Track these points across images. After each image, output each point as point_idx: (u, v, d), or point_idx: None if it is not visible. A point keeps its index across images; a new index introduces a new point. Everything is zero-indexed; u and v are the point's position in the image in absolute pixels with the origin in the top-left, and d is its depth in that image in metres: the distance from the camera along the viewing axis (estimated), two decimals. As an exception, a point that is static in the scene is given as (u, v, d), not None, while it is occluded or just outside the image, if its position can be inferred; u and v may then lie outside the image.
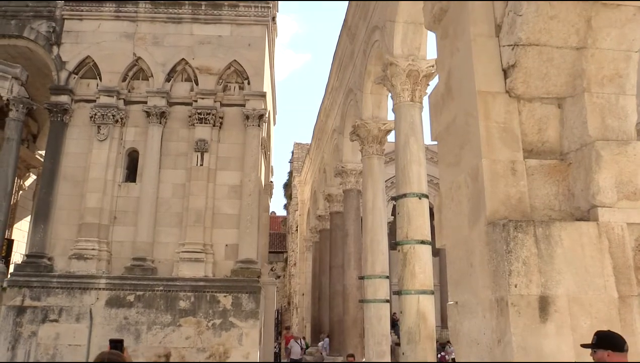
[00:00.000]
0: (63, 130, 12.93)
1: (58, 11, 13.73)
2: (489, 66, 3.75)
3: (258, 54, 13.57)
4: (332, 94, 15.72)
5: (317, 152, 20.89)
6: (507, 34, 3.73)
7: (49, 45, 13.46)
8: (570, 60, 3.84)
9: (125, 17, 13.67)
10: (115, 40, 13.49)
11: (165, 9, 13.75)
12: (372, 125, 10.95)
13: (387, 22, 8.63)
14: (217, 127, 13.08)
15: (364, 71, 10.80)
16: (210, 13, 13.72)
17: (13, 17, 13.72)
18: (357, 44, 11.56)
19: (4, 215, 12.41)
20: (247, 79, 13.37)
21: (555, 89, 3.88)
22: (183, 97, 13.34)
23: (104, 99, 13.02)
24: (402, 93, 8.19)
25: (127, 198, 12.68)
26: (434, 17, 4.40)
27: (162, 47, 13.49)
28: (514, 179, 3.61)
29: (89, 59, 13.37)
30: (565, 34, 3.75)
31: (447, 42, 4.20)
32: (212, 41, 13.56)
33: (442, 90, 4.26)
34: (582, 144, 3.74)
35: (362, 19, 10.90)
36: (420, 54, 8.38)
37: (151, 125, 12.93)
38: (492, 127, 3.64)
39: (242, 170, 12.83)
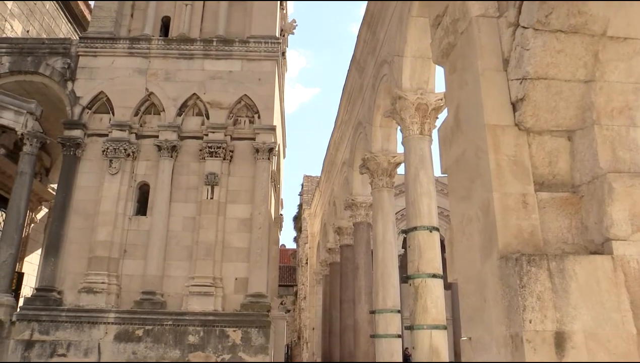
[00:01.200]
0: (75, 164, 13.10)
1: (73, 48, 14.09)
2: (497, 100, 3.77)
3: (268, 88, 13.76)
4: (342, 127, 15.83)
5: (327, 184, 20.92)
6: (515, 68, 3.75)
7: (64, 81, 13.77)
8: (578, 93, 3.84)
9: (138, 53, 13.98)
10: (129, 76, 13.77)
11: (178, 45, 14.07)
12: (382, 158, 10.97)
13: (395, 57, 8.74)
14: (228, 160, 13.18)
15: (373, 105, 10.89)
16: (221, 49, 14.01)
17: (30, 53, 14.10)
18: (366, 78, 11.70)
19: (15, 248, 12.47)
20: (257, 113, 13.53)
21: (565, 122, 3.88)
22: (194, 131, 13.50)
23: (116, 133, 13.21)
24: (411, 126, 8.23)
25: (138, 231, 12.72)
26: (441, 52, 4.45)
27: (174, 82, 13.73)
28: (525, 212, 3.57)
29: (102, 94, 13.64)
30: (573, 68, 3.77)
31: (456, 76, 4.24)
32: (223, 76, 13.79)
33: (451, 123, 4.27)
34: (594, 176, 3.71)
35: (371, 54, 11.06)
36: (429, 88, 8.45)
37: (162, 158, 13.06)
38: (502, 160, 3.63)
39: (252, 203, 12.86)
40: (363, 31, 11.13)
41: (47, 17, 20.02)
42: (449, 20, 4.27)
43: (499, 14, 4.01)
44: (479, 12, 3.99)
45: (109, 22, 14.39)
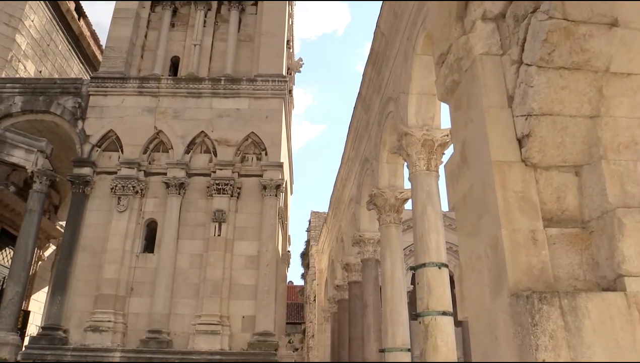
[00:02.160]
0: (84, 201, 13.18)
1: (84, 88, 14.39)
2: (503, 136, 3.78)
3: (275, 125, 13.91)
4: (348, 164, 15.90)
5: (334, 221, 20.85)
6: (519, 105, 3.78)
7: (74, 119, 14.00)
8: (584, 128, 3.85)
9: (147, 92, 14.24)
10: (138, 115, 13.99)
11: (186, 84, 14.33)
12: (389, 194, 10.97)
13: (400, 94, 8.85)
14: (235, 197, 13.22)
15: (379, 141, 10.96)
16: (229, 87, 14.25)
17: (42, 93, 14.41)
18: (372, 114, 11.81)
19: (22, 286, 12.44)
20: (265, 150, 13.64)
21: (572, 157, 3.88)
22: (202, 168, 13.61)
23: (125, 171, 13.32)
24: (417, 162, 8.26)
25: (145, 269, 12.68)
26: (446, 89, 4.50)
27: (182, 120, 13.92)
28: (535, 248, 3.54)
29: (112, 133, 13.83)
30: (578, 103, 3.79)
31: (461, 113, 4.27)
32: (231, 114, 13.98)
33: (457, 159, 4.28)
34: (603, 211, 3.68)
35: (376, 91, 11.20)
36: (435, 124, 8.51)
37: (170, 196, 13.12)
38: (510, 196, 3.62)
39: (260, 240, 12.82)
40: (368, 69, 11.30)
41: (60, 57, 20.52)
42: (453, 59, 4.33)
43: (502, 52, 4.07)
44: (483, 50, 4.05)
45: (120, 62, 14.72)
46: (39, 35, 18.91)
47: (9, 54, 17.12)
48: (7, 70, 16.84)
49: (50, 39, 19.75)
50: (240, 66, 15.04)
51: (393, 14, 9.23)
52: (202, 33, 15.49)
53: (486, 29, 4.10)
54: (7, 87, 14.54)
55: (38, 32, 18.81)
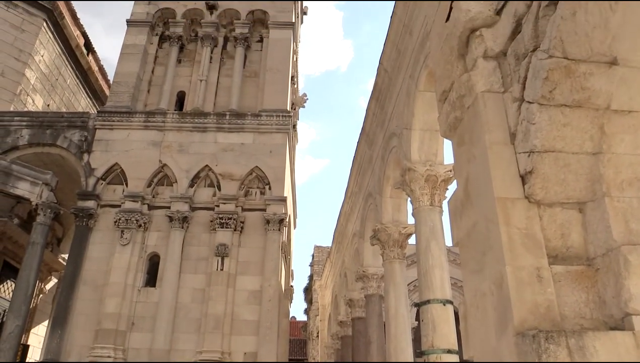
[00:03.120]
0: (87, 234, 13.17)
1: (91, 122, 14.56)
2: (506, 173, 3.80)
3: (279, 160, 13.99)
4: (352, 198, 15.90)
5: (338, 255, 20.73)
6: (522, 142, 3.81)
7: (80, 153, 14.13)
8: (587, 165, 3.86)
9: (153, 126, 14.40)
10: (143, 148, 14.11)
11: (192, 119, 14.50)
12: (393, 229, 10.93)
13: (403, 130, 8.92)
14: (238, 231, 13.19)
15: (382, 176, 10.98)
16: (233, 122, 14.40)
17: (49, 126, 14.59)
18: (376, 149, 11.88)
19: (22, 319, 12.31)
20: (268, 184, 13.69)
21: (575, 194, 3.87)
22: (205, 202, 13.63)
23: (129, 204, 13.36)
24: (421, 197, 8.26)
25: (146, 303, 12.56)
26: (449, 126, 4.54)
27: (187, 154, 14.03)
28: (540, 286, 3.50)
29: (117, 166, 13.92)
30: (580, 140, 3.81)
31: (464, 149, 4.30)
32: (235, 148, 14.09)
33: (460, 196, 4.28)
34: (608, 249, 3.66)
35: (380, 127, 11.29)
36: (438, 159, 8.55)
37: (173, 229, 13.11)
38: (514, 233, 3.61)
39: (262, 275, 12.73)
40: (372, 105, 11.42)
41: (68, 91, 20.85)
42: (455, 96, 4.39)
43: (504, 90, 4.12)
44: (484, 87, 4.10)
45: (127, 97, 14.95)
46: (48, 69, 19.27)
47: (18, 88, 17.41)
48: (15, 104, 17.09)
49: (59, 73, 20.12)
50: (245, 101, 15.26)
51: (396, 51, 9.39)
52: (208, 69, 15.76)
53: (488, 67, 4.16)
54: (15, 120, 14.74)
55: (47, 66, 19.18)
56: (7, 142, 14.33)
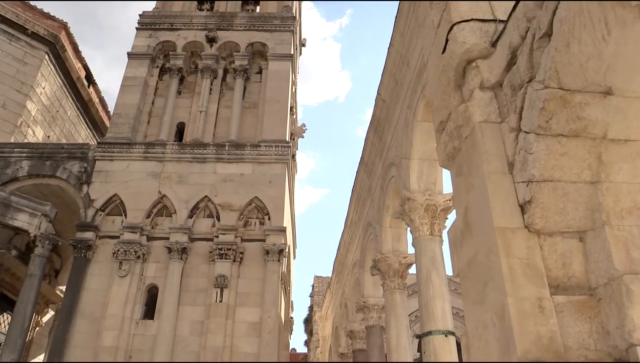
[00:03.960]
0: (85, 266, 13.07)
1: (91, 153, 14.62)
2: (505, 202, 3.80)
3: (278, 190, 14.00)
4: (352, 228, 15.84)
5: (338, 286, 20.54)
6: (520, 171, 3.82)
7: (79, 184, 14.13)
8: (586, 194, 3.87)
9: (153, 157, 14.44)
10: (143, 179, 14.12)
11: (191, 149, 14.56)
12: (393, 259, 10.86)
13: (402, 159, 8.95)
14: (237, 262, 13.10)
15: (382, 205, 10.97)
16: (233, 153, 14.45)
17: (48, 158, 14.63)
18: (375, 179, 11.90)
19: (17, 353, 12.11)
20: (268, 214, 13.66)
21: (575, 223, 3.87)
22: (204, 232, 13.57)
23: (128, 236, 13.29)
24: (421, 227, 8.23)
25: (144, 336, 12.38)
26: (447, 156, 4.57)
27: (187, 185, 14.03)
28: (542, 317, 3.46)
29: (116, 197, 13.91)
30: (578, 169, 3.83)
31: (462, 179, 4.31)
32: (234, 179, 14.10)
33: (460, 226, 4.28)
34: (610, 278, 3.63)
35: (378, 156, 11.33)
36: (437, 189, 8.55)
37: (172, 261, 13.02)
38: (515, 263, 3.59)
39: (262, 307, 12.58)
40: (370, 135, 11.49)
41: (68, 123, 20.99)
42: (453, 126, 4.42)
43: (500, 120, 4.15)
44: (481, 118, 4.14)
45: (127, 128, 15.04)
46: (49, 101, 19.44)
47: (19, 120, 17.53)
48: (16, 136, 17.18)
49: (60, 105, 20.29)
50: (244, 132, 15.35)
51: (394, 81, 9.50)
52: (208, 100, 15.90)
53: (484, 97, 4.21)
54: (15, 151, 14.79)
55: (48, 98, 19.35)
56: (6, 173, 14.35)
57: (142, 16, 17.49)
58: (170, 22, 17.31)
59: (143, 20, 17.37)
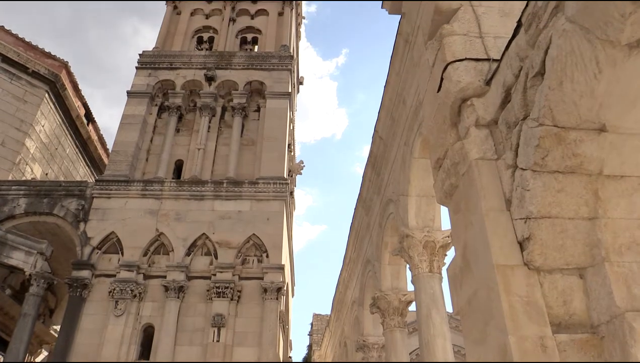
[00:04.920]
0: (80, 305, 12.88)
1: (88, 190, 14.61)
2: (504, 239, 3.79)
3: (276, 227, 13.94)
4: (350, 265, 15.72)
5: (337, 324, 20.23)
6: (518, 208, 3.82)
7: (77, 221, 14.07)
8: (584, 230, 3.86)
9: (151, 195, 14.43)
10: (140, 217, 14.06)
11: (189, 187, 14.57)
12: (392, 296, 10.73)
13: (400, 196, 8.96)
14: (235, 300, 12.93)
15: (380, 242, 10.92)
16: (231, 190, 14.46)
17: (46, 195, 14.61)
18: (373, 216, 11.88)
19: (8, 398, 11.81)
20: (266, 252, 13.57)
21: (574, 259, 3.85)
22: (202, 270, 13.44)
23: (124, 274, 13.15)
24: (420, 264, 8.17)
25: (139, 378, 12.10)
26: (444, 193, 4.58)
27: (184, 223, 13.97)
28: (545, 356, 3.41)
29: (113, 235, 13.82)
30: (575, 206, 3.83)
31: (460, 216, 4.31)
32: (232, 216, 14.06)
33: (459, 263, 4.25)
34: (612, 315, 3.59)
35: (376, 193, 11.34)
36: (435, 225, 8.53)
37: (169, 299, 12.84)
38: (515, 301, 3.55)
39: (260, 346, 12.35)
40: (368, 171, 11.53)
41: (67, 160, 21.06)
42: (450, 163, 4.45)
43: (497, 157, 4.18)
44: (478, 155, 4.17)
45: (125, 165, 15.08)
46: (48, 139, 19.56)
47: (18, 157, 17.59)
48: (14, 173, 17.21)
49: (59, 142, 20.40)
50: (242, 169, 15.40)
51: (390, 119, 9.59)
52: (206, 138, 16.02)
53: (480, 135, 4.25)
54: (13, 189, 14.78)
55: (47, 136, 19.48)
56: (3, 211, 14.30)
57: (142, 55, 17.79)
58: (170, 62, 17.59)
59: (143, 59, 17.66)
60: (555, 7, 3.45)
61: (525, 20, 3.82)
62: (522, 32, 3.85)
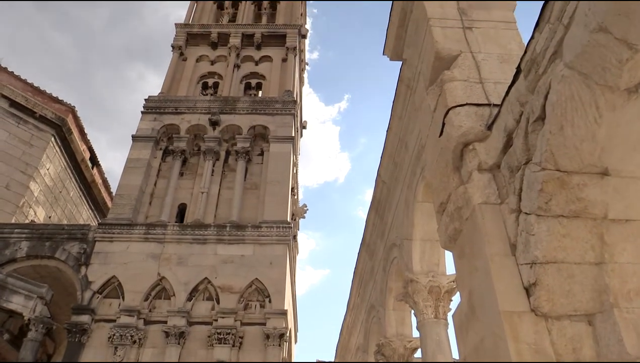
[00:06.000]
0: (79, 351, 12.64)
1: (91, 234, 14.58)
2: (510, 285, 3.73)
3: (279, 272, 13.81)
4: (354, 311, 15.46)
5: (340, 371, 19.72)
6: (523, 253, 3.78)
7: (78, 265, 13.98)
8: (591, 275, 3.81)
9: (153, 239, 14.38)
10: (142, 261, 13.97)
11: (192, 230, 14.53)
12: (397, 343, 10.49)
13: (404, 240, 8.89)
14: (237, 347, 12.67)
15: (385, 287, 10.77)
16: (234, 234, 14.41)
17: (48, 239, 14.58)
18: (377, 260, 11.76)
19: None
20: (269, 297, 13.39)
21: (582, 306, 3.78)
22: (203, 316, 13.24)
23: (125, 319, 12.96)
24: (425, 310, 8.03)
25: None
26: (449, 237, 4.54)
27: (186, 267, 13.86)
28: (555, 406, 3.30)
29: (115, 279, 13.70)
30: (581, 250, 3.79)
31: (465, 261, 4.26)
32: (235, 260, 13.96)
33: (465, 309, 4.17)
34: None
35: (380, 238, 11.27)
36: (440, 270, 8.42)
37: (169, 345, 12.60)
38: (523, 349, 3.46)
39: (261, 395, 12.03)
40: (371, 215, 11.49)
41: (70, 204, 21.10)
42: (453, 208, 4.43)
43: (500, 201, 4.17)
44: (481, 199, 4.16)
45: (128, 209, 15.10)
46: (53, 182, 19.66)
47: (21, 201, 17.64)
48: (17, 216, 17.22)
49: (63, 186, 20.50)
50: (245, 213, 15.39)
51: (393, 163, 9.63)
52: (210, 181, 16.09)
53: (483, 179, 4.25)
54: (15, 232, 14.76)
55: (52, 179, 19.59)
56: (5, 254, 14.24)
57: (148, 100, 18.10)
58: (175, 106, 17.88)
59: (148, 104, 17.95)
60: (554, 53, 3.52)
61: (524, 66, 3.88)
62: (522, 77, 3.91)
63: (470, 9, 5.62)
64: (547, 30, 3.61)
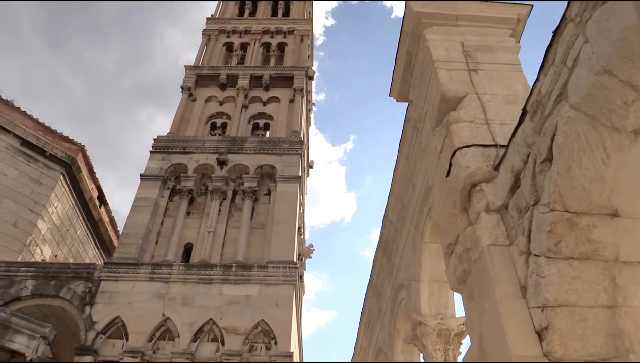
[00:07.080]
0: (81, 394, 12.38)
1: (96, 273, 14.51)
2: (521, 329, 3.64)
3: (285, 313, 13.61)
4: (362, 354, 15.11)
5: (347, 417, 19.16)
6: (533, 295, 3.71)
7: (82, 305, 13.85)
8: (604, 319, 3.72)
9: (159, 278, 14.28)
10: (147, 301, 13.84)
11: (198, 270, 14.43)
12: (406, 387, 10.22)
13: (412, 282, 8.77)
14: (242, 391, 12.38)
15: (392, 330, 10.56)
16: (240, 274, 14.29)
17: (54, 277, 14.51)
18: (384, 302, 11.58)
19: None
20: (274, 338, 13.15)
21: (596, 350, 3.67)
22: (208, 357, 13.00)
23: (128, 360, 12.74)
24: (434, 353, 7.84)
25: None
26: (457, 279, 4.47)
27: (191, 307, 13.70)
28: None
29: (119, 319, 13.54)
30: (594, 293, 3.72)
31: (474, 304, 4.18)
32: (241, 301, 13.79)
33: (476, 354, 4.07)
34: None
35: (387, 279, 11.13)
36: (449, 312, 8.26)
37: (172, 388, 12.34)
38: (537, 397, 3.36)
39: None
40: (378, 256, 11.39)
41: (77, 242, 21.09)
42: (461, 249, 4.38)
43: (509, 242, 4.12)
44: (489, 241, 4.11)
45: (134, 248, 15.06)
46: (60, 221, 19.71)
47: (28, 239, 17.66)
48: (23, 254, 17.20)
49: (70, 224, 20.54)
50: (252, 253, 15.30)
51: (400, 203, 9.60)
52: (217, 221, 16.08)
53: (491, 220, 4.21)
54: (21, 270, 14.71)
55: (59, 217, 19.65)
56: (9, 293, 14.16)
57: (157, 140, 18.31)
58: (183, 146, 18.06)
59: (157, 144, 18.15)
60: (559, 95, 3.54)
61: (530, 107, 3.91)
62: (528, 119, 3.93)
63: (475, 52, 5.71)
64: (551, 73, 3.64)
